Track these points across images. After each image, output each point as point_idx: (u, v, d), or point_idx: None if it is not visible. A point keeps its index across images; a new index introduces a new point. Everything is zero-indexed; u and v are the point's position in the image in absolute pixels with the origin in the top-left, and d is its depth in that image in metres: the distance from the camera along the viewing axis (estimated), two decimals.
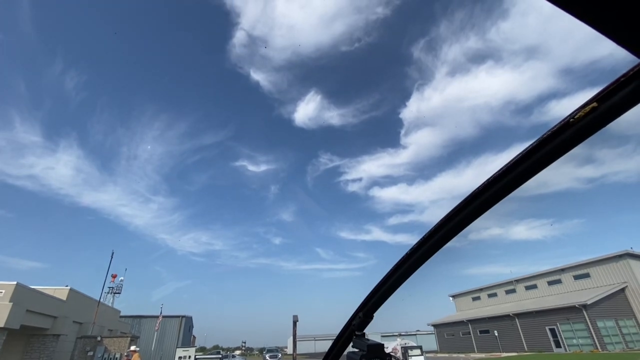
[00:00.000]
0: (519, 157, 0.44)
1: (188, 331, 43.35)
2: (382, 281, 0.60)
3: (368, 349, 0.59)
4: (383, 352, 0.60)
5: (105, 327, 23.38)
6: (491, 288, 43.88)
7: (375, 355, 0.60)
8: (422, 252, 0.54)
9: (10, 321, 13.69)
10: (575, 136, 0.40)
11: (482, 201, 0.47)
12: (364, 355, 0.58)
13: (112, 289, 33.67)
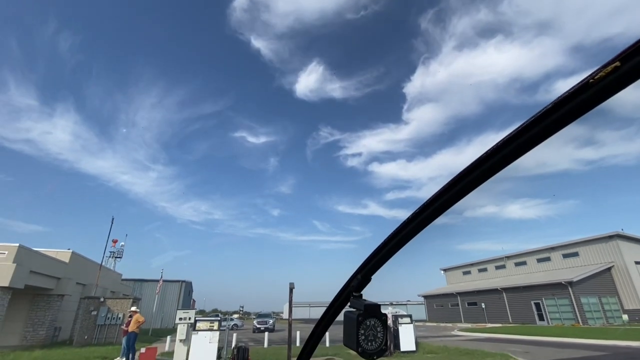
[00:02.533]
0: (535, 117, 0.42)
1: (188, 295, 45.01)
2: (382, 244, 0.62)
3: (365, 308, 0.63)
4: (379, 311, 0.64)
5: (108, 289, 24.20)
6: (482, 263, 45.24)
7: (372, 314, 0.64)
8: (425, 215, 0.55)
9: (14, 281, 14.12)
10: (595, 98, 0.38)
11: (502, 157, 0.46)
12: (360, 314, 0.62)
13: (113, 253, 34.46)
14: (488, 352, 12.63)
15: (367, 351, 0.60)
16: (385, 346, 0.63)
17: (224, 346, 9.71)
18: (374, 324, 0.63)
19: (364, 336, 0.61)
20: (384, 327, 0.63)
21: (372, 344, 0.61)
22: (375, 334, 0.62)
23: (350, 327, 0.62)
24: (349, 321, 0.63)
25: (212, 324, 9.46)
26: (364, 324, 0.62)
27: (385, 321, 0.64)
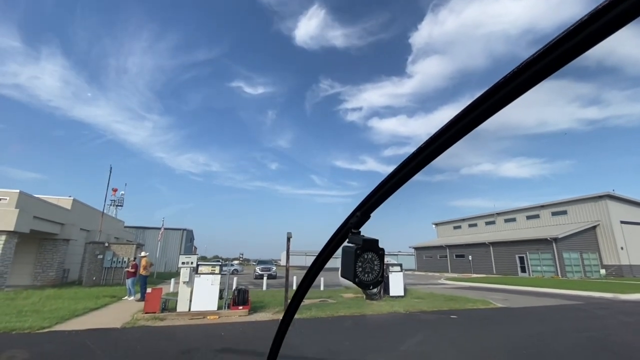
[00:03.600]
0: (550, 45, 0.39)
1: (189, 242, 46.93)
2: (382, 183, 0.62)
3: (363, 242, 0.65)
4: (377, 246, 0.66)
5: (112, 235, 25.09)
6: (473, 219, 46.83)
7: (369, 249, 0.65)
8: (428, 152, 0.54)
9: (19, 226, 14.54)
10: (607, 27, 0.35)
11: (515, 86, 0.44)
12: (359, 248, 0.64)
13: (113, 202, 35.11)
14: (470, 298, 13.61)
15: (363, 282, 0.63)
16: (381, 278, 0.65)
17: (225, 288, 10.36)
18: (371, 258, 0.65)
19: (361, 268, 0.64)
20: (380, 261, 0.66)
21: (368, 276, 0.64)
22: (372, 267, 0.65)
23: (348, 260, 0.64)
24: (347, 255, 0.65)
25: (214, 268, 9.98)
26: (362, 257, 0.64)
27: (382, 255, 0.66)
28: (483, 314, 10.39)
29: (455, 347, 6.38)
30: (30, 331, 7.12)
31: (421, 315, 10.08)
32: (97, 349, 5.94)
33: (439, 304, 11.98)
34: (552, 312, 10.85)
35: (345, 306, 11.34)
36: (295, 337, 6.89)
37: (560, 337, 7.27)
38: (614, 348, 6.28)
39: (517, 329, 8.29)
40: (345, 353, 5.80)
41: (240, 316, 9.41)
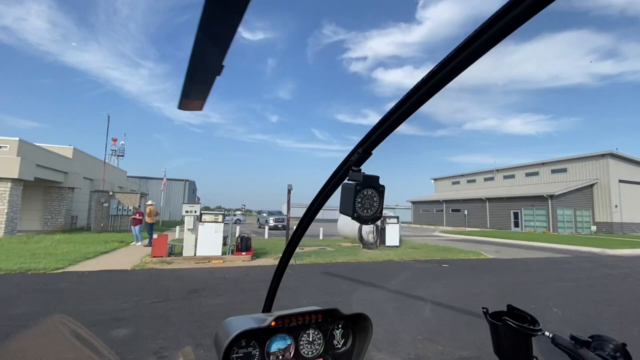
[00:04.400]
0: None
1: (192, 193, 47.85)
2: (383, 118, 0.60)
3: (364, 178, 0.64)
4: (377, 182, 0.66)
5: (115, 185, 25.50)
6: (472, 175, 47.16)
7: (369, 185, 0.65)
8: (430, 85, 0.51)
9: (23, 173, 14.70)
10: None
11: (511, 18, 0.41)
12: (359, 184, 0.64)
13: (114, 151, 35.10)
14: (463, 250, 14.25)
15: (362, 217, 0.64)
16: (379, 214, 0.66)
17: (229, 236, 10.80)
18: (371, 194, 0.65)
19: (360, 204, 0.64)
20: (380, 198, 0.66)
21: (367, 212, 0.65)
22: (372, 203, 0.65)
23: (348, 196, 0.64)
24: (346, 191, 0.65)
25: (217, 217, 10.31)
26: (362, 193, 0.64)
27: (382, 192, 0.66)
28: (474, 263, 10.95)
29: (444, 289, 6.83)
30: (45, 272, 7.57)
31: (414, 263, 10.62)
32: (110, 287, 6.36)
33: (432, 254, 12.58)
34: (540, 264, 11.42)
35: (343, 254, 11.92)
36: (295, 280, 7.34)
37: (545, 286, 7.73)
38: (595, 297, 6.71)
39: (505, 277, 8.79)
40: (341, 294, 6.22)
41: (244, 261, 9.93)
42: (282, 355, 0.88)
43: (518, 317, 0.87)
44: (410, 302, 5.96)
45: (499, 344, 0.89)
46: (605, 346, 0.70)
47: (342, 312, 0.95)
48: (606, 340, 0.71)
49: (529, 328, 0.82)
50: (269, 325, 0.83)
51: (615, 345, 0.68)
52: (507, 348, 0.87)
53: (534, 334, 0.82)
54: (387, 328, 4.36)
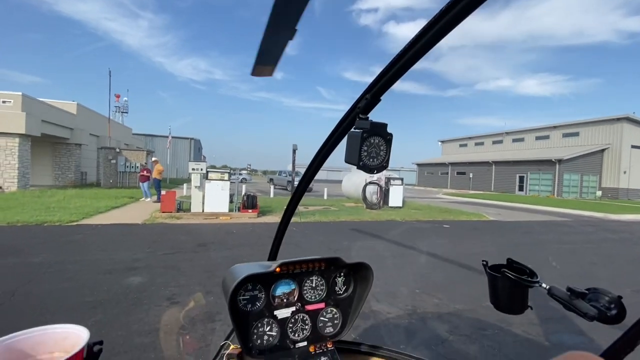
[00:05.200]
0: None
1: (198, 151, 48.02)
2: (393, 61, 0.56)
3: (371, 125, 0.62)
4: (385, 130, 0.64)
5: (121, 142, 25.59)
6: (480, 138, 46.26)
7: (377, 132, 0.63)
8: (443, 23, 0.47)
9: (29, 129, 14.73)
10: None
11: None
12: (366, 131, 0.61)
13: (118, 108, 34.73)
14: (465, 211, 14.45)
15: (367, 166, 0.63)
16: (386, 163, 0.65)
17: (235, 194, 11.01)
18: (377, 142, 0.63)
19: (366, 152, 0.62)
20: (387, 146, 0.64)
21: (373, 161, 0.63)
22: (378, 152, 0.63)
23: (354, 144, 0.62)
24: (352, 139, 0.63)
25: (223, 175, 10.43)
26: (368, 141, 0.62)
27: (389, 140, 0.64)
28: (474, 225, 11.15)
29: (444, 248, 7.05)
30: (60, 224, 7.89)
31: (416, 223, 10.85)
32: (123, 240, 6.66)
33: (434, 215, 12.79)
34: (540, 227, 11.58)
35: (347, 213, 12.17)
36: (300, 237, 7.59)
37: (543, 247, 7.91)
38: (592, 259, 6.87)
39: (504, 239, 8.98)
40: (342, 250, 6.46)
41: (250, 218, 10.22)
42: (286, 299, 0.93)
43: (517, 270, 0.89)
44: (409, 259, 6.18)
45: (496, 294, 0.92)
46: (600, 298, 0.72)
47: (344, 260, 0.98)
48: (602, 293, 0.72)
49: (527, 280, 0.85)
50: (273, 271, 0.87)
51: (610, 298, 0.70)
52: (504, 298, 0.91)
53: (531, 286, 0.84)
54: (386, 282, 4.57)
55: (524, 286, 0.85)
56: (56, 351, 0.47)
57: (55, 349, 0.48)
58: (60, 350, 0.47)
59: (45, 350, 0.48)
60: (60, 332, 0.49)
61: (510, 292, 0.87)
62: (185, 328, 3.06)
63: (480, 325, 3.35)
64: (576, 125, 34.13)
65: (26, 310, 3.28)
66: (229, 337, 1.03)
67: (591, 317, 0.66)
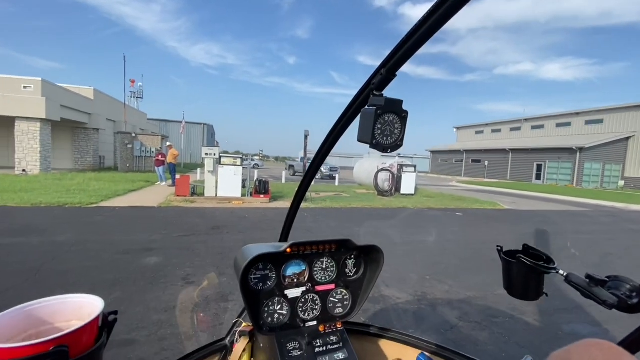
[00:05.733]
0: None
1: (211, 137, 48.53)
2: (409, 34, 0.54)
3: (386, 102, 0.60)
4: (401, 107, 0.61)
5: (137, 127, 26.02)
6: (497, 124, 44.90)
7: (391, 110, 0.61)
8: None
9: (49, 113, 15.13)
10: None
11: None
12: (380, 107, 0.59)
13: (133, 93, 35.16)
14: (478, 200, 14.21)
15: (381, 144, 0.61)
16: (400, 142, 0.63)
17: (247, 179, 11.12)
18: (392, 120, 0.61)
19: (380, 130, 0.60)
20: (402, 124, 0.62)
21: (387, 139, 0.61)
22: (392, 130, 0.61)
23: (367, 122, 0.60)
24: (366, 116, 0.61)
25: (235, 160, 10.53)
26: (382, 118, 0.60)
27: (404, 118, 0.62)
28: (488, 213, 10.97)
29: (456, 235, 6.99)
30: (80, 206, 8.18)
31: (428, 211, 10.75)
32: (140, 222, 6.86)
33: (446, 203, 12.63)
34: (557, 216, 11.30)
35: (358, 200, 12.15)
36: (311, 223, 7.65)
37: (559, 237, 7.74)
38: (609, 250, 6.69)
39: (518, 227, 8.82)
40: (353, 236, 6.49)
41: (262, 203, 10.34)
42: (296, 279, 0.93)
43: (533, 257, 0.87)
44: (420, 246, 6.16)
45: (511, 280, 0.90)
46: (621, 286, 0.69)
47: (355, 243, 0.97)
48: (623, 281, 0.70)
49: (543, 266, 0.82)
50: (284, 251, 0.87)
51: (632, 286, 0.67)
52: (518, 284, 0.89)
53: (548, 272, 0.82)
54: (397, 268, 4.58)
55: (540, 272, 0.83)
56: (73, 319, 0.49)
57: (73, 317, 0.50)
58: (76, 319, 0.49)
59: (63, 318, 0.50)
60: (77, 301, 0.51)
61: (526, 278, 0.86)
62: (199, 306, 3.17)
63: (491, 313, 3.33)
64: (600, 112, 32.65)
65: (50, 285, 3.45)
66: (241, 315, 1.05)
67: (610, 304, 0.64)
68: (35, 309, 0.49)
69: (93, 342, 0.46)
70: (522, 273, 0.85)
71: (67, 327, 0.45)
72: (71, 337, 0.42)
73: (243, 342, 0.92)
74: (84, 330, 0.44)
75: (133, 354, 2.34)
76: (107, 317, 0.50)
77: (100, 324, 0.48)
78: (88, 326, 0.45)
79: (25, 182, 11.31)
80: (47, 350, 0.39)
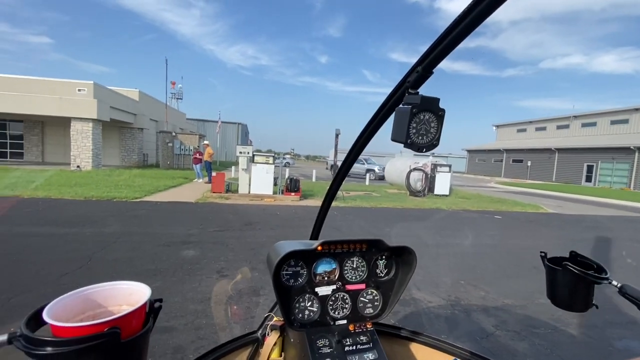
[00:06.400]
0: None
1: (245, 136, 49.99)
2: (446, 31, 0.52)
3: (422, 100, 0.58)
4: (437, 105, 0.60)
5: (177, 126, 27.47)
6: (542, 122, 41.92)
7: (427, 108, 0.59)
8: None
9: (100, 114, 16.40)
10: None
11: None
12: (416, 106, 0.58)
13: (174, 94, 37.14)
14: (520, 202, 13.38)
15: (416, 144, 0.59)
16: (436, 142, 0.61)
17: (279, 177, 11.34)
18: (428, 119, 0.59)
19: (415, 130, 0.59)
20: (438, 123, 0.60)
21: (423, 138, 0.60)
22: (428, 129, 0.60)
23: (401, 121, 0.59)
24: (400, 115, 0.60)
25: (268, 158, 10.78)
26: (418, 117, 0.58)
27: (441, 116, 0.60)
28: (530, 217, 10.30)
29: (494, 240, 6.63)
30: (126, 200, 8.79)
31: (463, 213, 10.31)
32: (179, 216, 7.25)
33: (484, 205, 12.03)
34: (609, 222, 10.37)
35: (388, 199, 11.94)
36: (340, 222, 7.65)
37: (613, 245, 7.09)
38: None
39: (564, 233, 8.20)
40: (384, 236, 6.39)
41: (293, 201, 10.49)
42: (327, 277, 0.94)
43: (581, 265, 0.81)
44: (454, 249, 5.93)
45: (555, 289, 0.85)
46: None
47: (386, 243, 0.96)
48: None
49: (594, 275, 0.77)
50: (315, 249, 0.88)
51: None
52: (564, 293, 0.83)
53: (599, 282, 0.76)
54: (429, 271, 4.45)
55: (589, 282, 0.77)
56: (124, 304, 0.54)
57: (123, 302, 0.54)
58: (126, 304, 0.53)
59: (115, 303, 0.55)
60: (127, 288, 0.56)
61: (573, 287, 0.80)
62: (232, 299, 3.29)
63: (531, 323, 3.14)
64: None
65: (100, 272, 3.75)
66: (272, 310, 1.08)
67: None
68: (91, 293, 0.54)
69: (141, 327, 0.50)
70: (568, 282, 0.80)
71: (118, 311, 0.50)
72: (123, 320, 0.46)
73: (274, 336, 0.95)
74: (133, 315, 0.48)
75: (172, 340, 2.49)
76: (153, 304, 0.54)
77: (147, 310, 0.52)
78: (137, 311, 0.48)
79: (79, 177, 12.36)
80: (102, 330, 0.44)
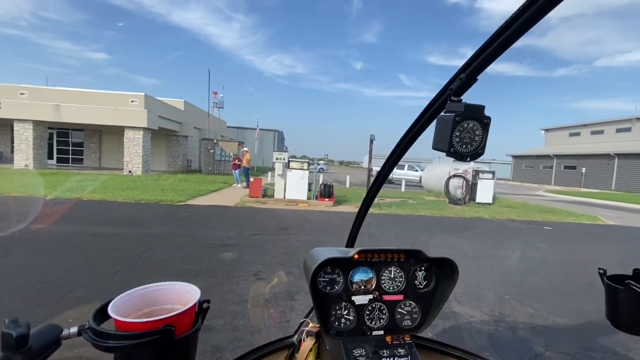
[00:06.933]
0: None
1: (281, 142, 51.20)
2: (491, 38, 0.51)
3: (465, 107, 0.57)
4: (482, 113, 0.58)
5: (218, 134, 28.87)
6: (598, 125, 38.31)
7: (472, 116, 0.57)
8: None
9: (150, 123, 17.73)
10: None
11: None
12: (459, 114, 0.56)
13: (215, 103, 39.12)
14: (573, 212, 12.28)
15: (459, 152, 0.58)
16: (482, 150, 0.59)
17: (313, 182, 11.46)
18: (472, 127, 0.57)
19: (458, 138, 0.57)
20: (484, 131, 0.58)
21: (467, 147, 0.58)
22: (472, 137, 0.58)
23: (444, 129, 0.58)
24: (443, 123, 0.58)
25: (302, 164, 10.95)
26: (461, 125, 0.57)
27: (486, 125, 0.58)
28: (585, 228, 9.41)
29: (544, 253, 6.14)
30: (172, 203, 9.37)
31: (508, 223, 9.68)
32: (219, 219, 7.57)
33: (531, 215, 11.21)
34: None
35: (426, 207, 11.55)
36: (374, 229, 7.53)
37: None
38: None
39: (625, 248, 7.39)
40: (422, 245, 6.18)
41: (326, 206, 10.52)
42: (364, 286, 0.93)
43: None
44: (498, 262, 5.58)
45: (616, 309, 0.78)
46: None
47: (426, 254, 0.94)
48: None
49: None
50: (352, 257, 0.88)
51: None
52: (626, 315, 0.76)
53: None
54: (470, 284, 4.22)
55: None
56: (176, 304, 0.58)
57: (176, 302, 0.58)
58: (179, 303, 0.57)
59: (169, 302, 0.59)
60: (179, 288, 0.60)
61: (637, 308, 0.73)
62: (269, 302, 3.36)
63: (586, 345, 2.85)
64: None
65: (148, 271, 4.02)
66: (308, 315, 1.09)
67: None
68: (148, 292, 0.59)
69: (191, 325, 0.54)
70: (632, 302, 0.73)
71: (171, 309, 0.54)
72: (176, 319, 0.50)
73: (310, 342, 0.95)
74: (185, 314, 0.51)
75: (211, 339, 2.60)
76: (202, 305, 0.57)
77: (197, 310, 0.56)
78: (188, 311, 0.52)
79: (131, 182, 13.39)
80: (158, 327, 0.47)
